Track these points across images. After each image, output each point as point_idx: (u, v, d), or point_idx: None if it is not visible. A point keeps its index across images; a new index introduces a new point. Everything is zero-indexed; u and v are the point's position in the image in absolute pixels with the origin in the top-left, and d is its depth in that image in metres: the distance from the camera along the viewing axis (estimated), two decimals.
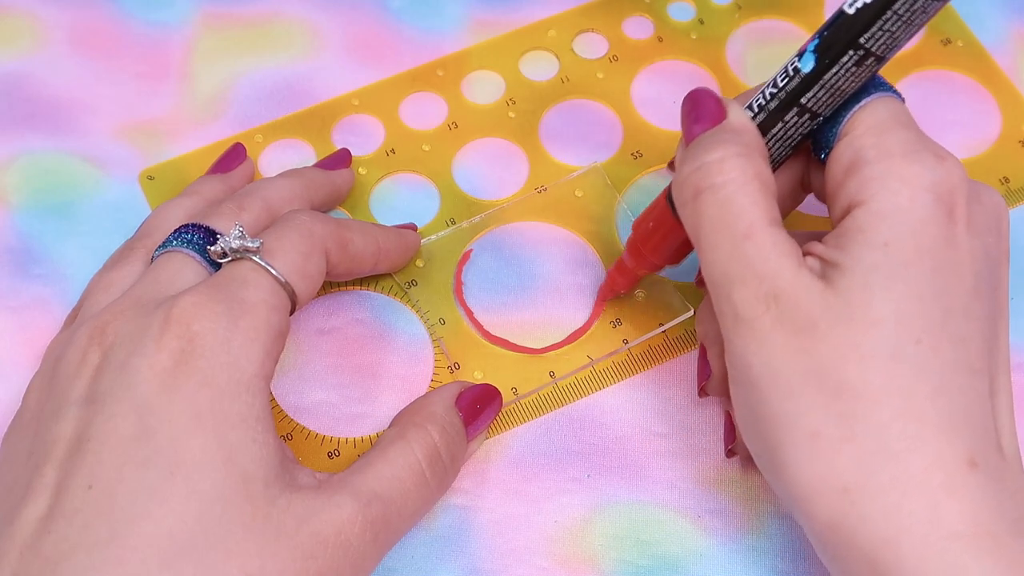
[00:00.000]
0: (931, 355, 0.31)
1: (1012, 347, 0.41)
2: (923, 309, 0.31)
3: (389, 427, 0.37)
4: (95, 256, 0.40)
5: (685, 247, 0.37)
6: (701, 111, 0.34)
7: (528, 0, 0.47)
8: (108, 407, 0.31)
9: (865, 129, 0.32)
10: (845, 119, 0.33)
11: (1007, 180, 0.44)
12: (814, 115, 0.34)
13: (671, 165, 0.35)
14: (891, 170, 0.32)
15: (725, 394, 0.37)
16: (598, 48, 0.47)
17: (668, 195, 0.36)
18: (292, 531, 0.31)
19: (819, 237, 0.34)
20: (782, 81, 0.34)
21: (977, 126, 0.45)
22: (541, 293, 0.41)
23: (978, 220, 0.32)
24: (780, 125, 0.34)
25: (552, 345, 0.40)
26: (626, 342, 0.40)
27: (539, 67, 0.46)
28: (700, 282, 0.39)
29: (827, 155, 0.34)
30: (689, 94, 0.35)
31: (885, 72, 0.46)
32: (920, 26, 0.32)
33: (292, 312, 0.34)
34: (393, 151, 0.44)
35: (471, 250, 0.42)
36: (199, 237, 0.35)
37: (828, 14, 0.47)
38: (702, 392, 0.38)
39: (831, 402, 0.31)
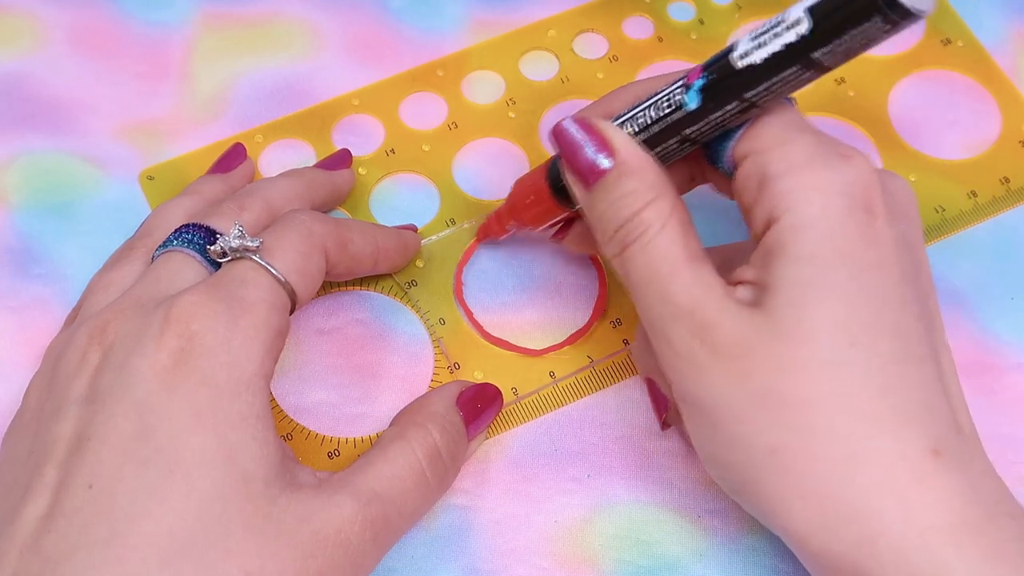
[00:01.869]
0: (871, 354, 0.31)
1: (1012, 346, 0.41)
2: (854, 312, 0.31)
3: (390, 426, 0.37)
4: (95, 256, 0.40)
5: (557, 217, 0.38)
6: (585, 148, 0.33)
7: (528, 0, 0.47)
8: (108, 406, 0.31)
9: (764, 144, 0.32)
10: (739, 133, 0.33)
11: (1007, 180, 0.44)
12: (695, 142, 0.34)
13: (553, 133, 0.35)
14: (800, 181, 0.31)
15: None
16: (598, 48, 0.47)
17: (548, 173, 0.37)
18: (292, 530, 0.31)
19: (744, 247, 0.34)
20: (666, 109, 0.33)
21: (977, 126, 0.45)
22: (541, 293, 0.41)
23: (892, 209, 0.32)
24: (662, 147, 0.34)
25: (552, 346, 0.40)
26: (627, 343, 0.40)
27: (539, 67, 0.46)
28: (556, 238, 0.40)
29: (722, 166, 0.34)
30: (561, 131, 0.34)
31: (885, 70, 0.46)
32: (804, 87, 0.31)
33: (292, 311, 0.34)
34: (393, 151, 0.44)
35: (475, 245, 0.42)
36: (199, 237, 0.35)
37: None
38: (664, 425, 0.38)
39: (781, 417, 0.31)
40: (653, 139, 0.34)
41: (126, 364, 0.31)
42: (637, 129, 0.34)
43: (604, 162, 0.33)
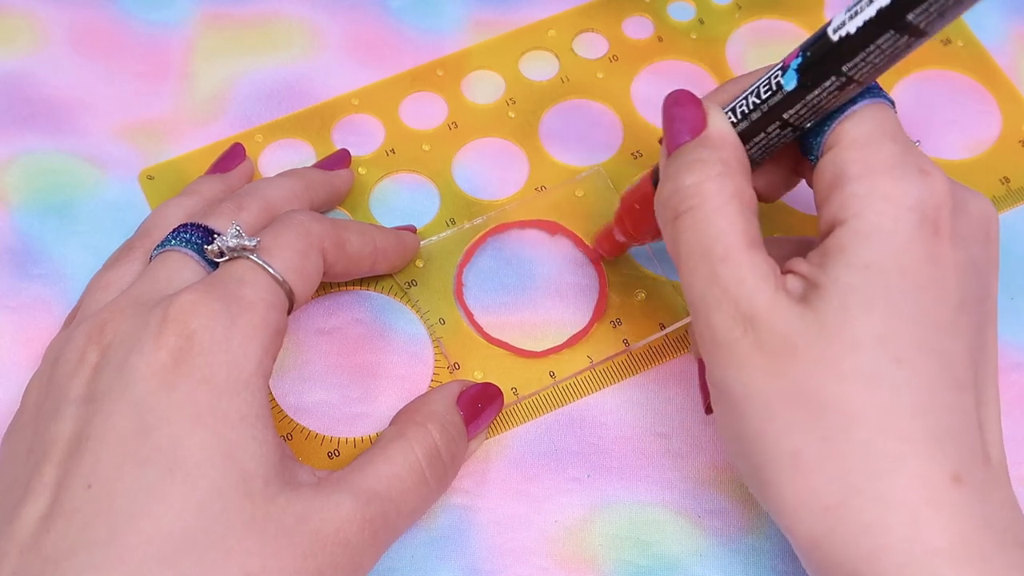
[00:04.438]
0: (912, 374, 0.30)
1: (1012, 346, 0.41)
2: (904, 329, 0.30)
3: (389, 425, 0.37)
4: (95, 256, 0.40)
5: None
6: (682, 119, 0.34)
7: (528, 0, 0.47)
8: (107, 406, 0.31)
9: (850, 142, 0.32)
10: (832, 126, 0.33)
11: (1007, 180, 0.44)
12: (796, 128, 0.33)
13: (663, 142, 0.36)
14: (875, 188, 0.31)
15: None
16: (598, 48, 0.47)
17: (654, 176, 0.37)
18: (291, 529, 0.31)
19: (808, 243, 0.33)
20: (765, 94, 0.33)
21: (977, 126, 0.45)
22: (541, 293, 0.41)
23: (964, 232, 0.32)
24: (762, 135, 0.34)
25: (552, 348, 0.40)
26: (627, 343, 0.40)
27: (539, 67, 0.46)
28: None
29: (815, 159, 0.33)
30: (669, 97, 0.34)
31: (885, 73, 0.46)
32: (902, 58, 0.31)
33: (290, 311, 0.34)
34: (393, 151, 0.44)
35: (480, 239, 0.42)
36: (198, 236, 0.35)
37: (828, 15, 0.47)
38: (708, 410, 0.38)
39: (811, 422, 0.30)
40: (753, 126, 0.34)
41: (125, 363, 0.31)
42: (739, 118, 0.34)
43: (686, 136, 0.33)
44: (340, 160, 0.43)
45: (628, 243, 0.40)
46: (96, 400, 0.31)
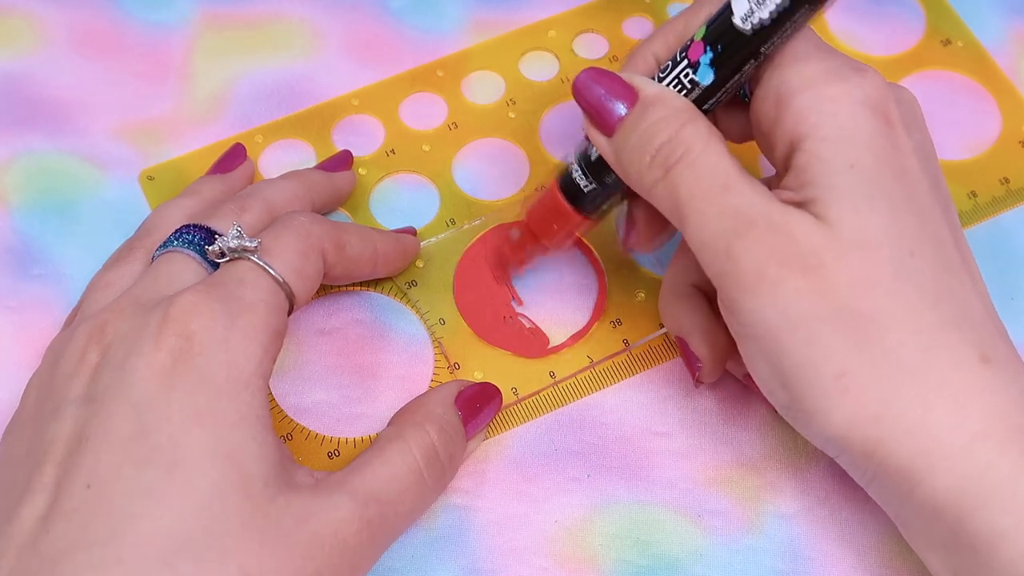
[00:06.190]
0: (923, 265, 0.31)
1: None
2: (905, 221, 0.31)
3: (387, 426, 0.37)
4: (95, 256, 0.40)
5: (580, 229, 0.38)
6: (611, 94, 0.34)
7: (528, 0, 0.47)
8: (107, 406, 0.31)
9: (777, 64, 0.32)
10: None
11: (1007, 180, 0.44)
12: (720, 101, 0.34)
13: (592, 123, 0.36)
14: (820, 94, 0.32)
15: (719, 374, 0.37)
16: (598, 48, 0.47)
17: (560, 185, 0.37)
18: (290, 530, 0.31)
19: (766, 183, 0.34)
20: (681, 93, 0.34)
21: (977, 126, 0.45)
22: (541, 293, 0.41)
23: (907, 120, 0.33)
24: None
25: (552, 348, 0.40)
26: (627, 343, 0.40)
27: (539, 67, 0.46)
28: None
29: (746, 96, 0.34)
30: (583, 81, 0.34)
31: (885, 71, 0.46)
32: (812, 17, 0.32)
33: (290, 312, 0.34)
34: (393, 151, 0.44)
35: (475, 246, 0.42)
36: (199, 238, 0.35)
37: (829, 14, 0.47)
38: (699, 382, 0.38)
39: (850, 338, 0.31)
40: None
41: (125, 363, 0.31)
42: None
43: (622, 108, 0.33)
44: (342, 161, 0.43)
45: (536, 255, 0.40)
46: (96, 400, 0.31)
